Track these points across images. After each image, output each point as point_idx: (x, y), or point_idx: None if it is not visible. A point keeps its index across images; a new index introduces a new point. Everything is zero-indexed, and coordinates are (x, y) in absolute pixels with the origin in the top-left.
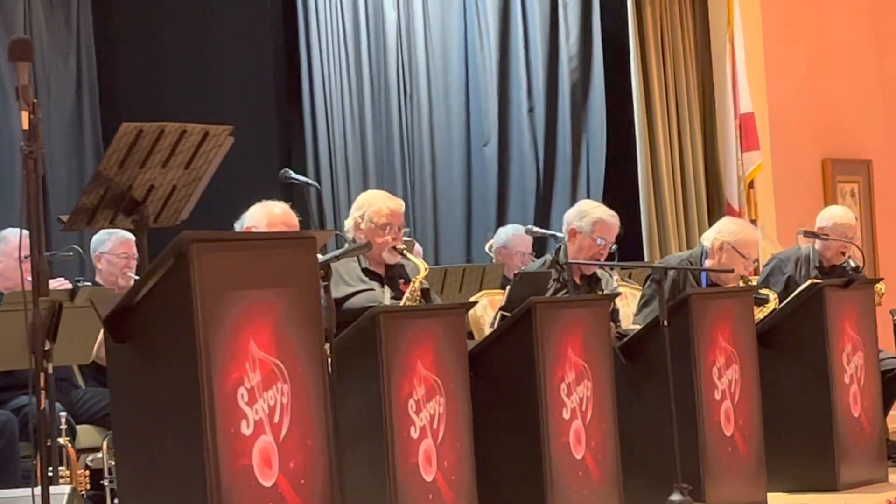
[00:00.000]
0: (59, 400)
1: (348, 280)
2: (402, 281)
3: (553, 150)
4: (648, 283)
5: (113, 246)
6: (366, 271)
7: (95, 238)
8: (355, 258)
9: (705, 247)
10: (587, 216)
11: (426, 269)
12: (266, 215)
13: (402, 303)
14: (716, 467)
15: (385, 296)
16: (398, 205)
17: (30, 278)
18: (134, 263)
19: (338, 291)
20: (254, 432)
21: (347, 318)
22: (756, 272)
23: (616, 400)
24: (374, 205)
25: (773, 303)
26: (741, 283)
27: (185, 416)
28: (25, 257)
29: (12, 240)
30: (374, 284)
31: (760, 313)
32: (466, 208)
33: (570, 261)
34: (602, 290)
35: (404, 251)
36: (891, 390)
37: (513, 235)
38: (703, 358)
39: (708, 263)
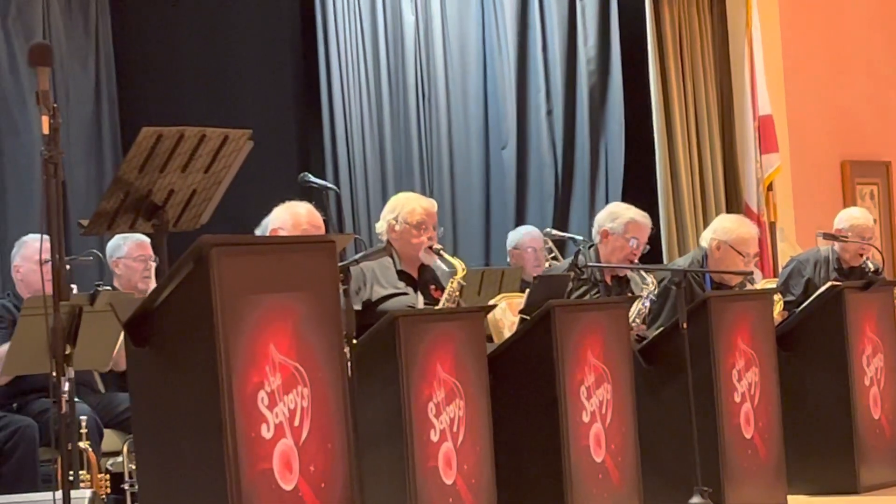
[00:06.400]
0: (85, 403)
1: (384, 283)
2: (433, 287)
3: (571, 153)
4: (654, 298)
5: (129, 250)
6: (400, 274)
7: (110, 244)
8: (390, 260)
9: (704, 248)
10: (619, 217)
11: (464, 269)
12: (291, 216)
13: (441, 305)
14: (736, 470)
15: (419, 302)
16: (431, 204)
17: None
18: (152, 265)
19: (373, 293)
20: (274, 436)
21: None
22: (765, 268)
23: (636, 403)
24: (407, 205)
25: (778, 304)
26: (747, 282)
27: (206, 420)
28: (46, 261)
29: (31, 245)
30: (409, 289)
31: None
32: (485, 211)
33: (588, 264)
34: (632, 292)
35: (441, 251)
36: None
37: (522, 234)
38: (722, 360)
39: (709, 264)
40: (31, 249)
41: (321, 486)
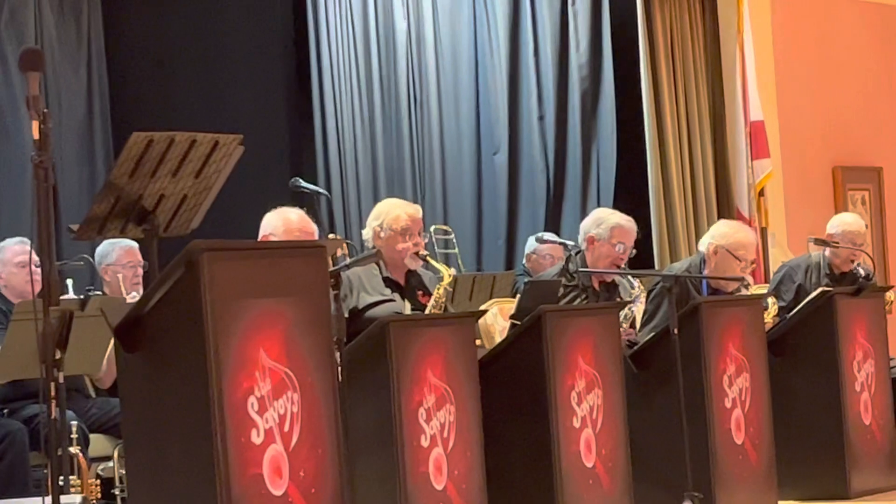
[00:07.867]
0: (72, 409)
1: (370, 289)
2: (420, 293)
3: (563, 159)
4: (651, 297)
5: (118, 257)
6: (386, 280)
7: (99, 251)
8: (377, 267)
9: (702, 252)
10: (604, 223)
11: (450, 275)
12: (283, 222)
13: (427, 311)
14: (726, 475)
15: (406, 308)
16: (416, 210)
17: (35, 286)
18: (141, 271)
19: (360, 300)
20: (264, 441)
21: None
22: (756, 273)
23: (626, 408)
24: (391, 212)
25: (773, 308)
26: (742, 288)
27: (196, 425)
28: (36, 266)
29: (11, 249)
30: (395, 296)
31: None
32: (477, 217)
33: (580, 270)
34: (620, 297)
35: (427, 257)
36: None
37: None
38: (713, 366)
39: (706, 269)
40: (11, 253)
41: (311, 492)
